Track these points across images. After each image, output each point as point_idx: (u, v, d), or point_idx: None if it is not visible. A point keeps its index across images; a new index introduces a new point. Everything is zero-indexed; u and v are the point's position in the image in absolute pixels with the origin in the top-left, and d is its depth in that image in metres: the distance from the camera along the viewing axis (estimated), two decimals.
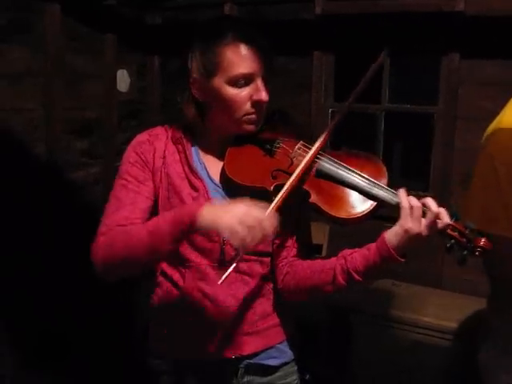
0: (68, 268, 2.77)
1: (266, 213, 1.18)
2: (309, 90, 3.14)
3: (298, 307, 1.51)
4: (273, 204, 1.23)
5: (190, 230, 1.21)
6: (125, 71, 3.36)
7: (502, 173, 1.38)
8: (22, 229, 2.65)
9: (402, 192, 1.22)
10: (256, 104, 1.32)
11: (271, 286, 1.44)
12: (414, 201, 1.19)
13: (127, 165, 1.38)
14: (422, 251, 2.67)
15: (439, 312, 2.62)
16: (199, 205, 1.21)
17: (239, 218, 1.14)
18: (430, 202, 1.19)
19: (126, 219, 1.31)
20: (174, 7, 3.34)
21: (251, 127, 1.36)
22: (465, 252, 1.17)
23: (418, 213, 1.18)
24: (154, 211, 1.37)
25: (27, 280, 2.65)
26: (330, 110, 3.18)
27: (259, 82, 1.31)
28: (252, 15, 3.08)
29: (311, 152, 1.32)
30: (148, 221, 1.30)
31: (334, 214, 1.27)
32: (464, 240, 1.17)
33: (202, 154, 1.42)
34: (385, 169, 1.31)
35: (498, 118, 1.48)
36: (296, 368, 1.49)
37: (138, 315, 2.80)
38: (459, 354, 2.45)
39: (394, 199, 1.23)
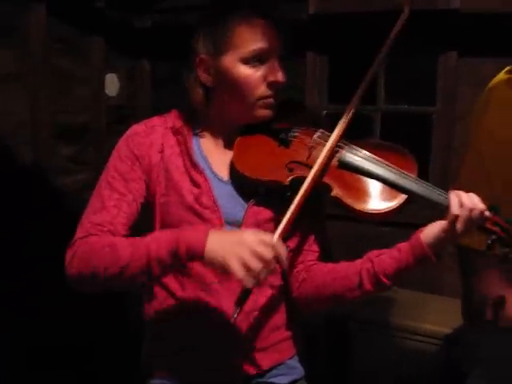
0: (52, 278, 2.66)
1: (284, 220, 1.07)
2: (302, 92, 3.06)
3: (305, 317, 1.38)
4: (290, 210, 1.10)
5: (188, 261, 1.09)
6: (114, 75, 3.28)
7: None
8: (5, 235, 2.54)
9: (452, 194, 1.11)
10: (272, 86, 1.19)
11: (282, 295, 1.29)
12: (464, 197, 1.09)
13: (116, 159, 1.24)
14: None
15: (439, 319, 2.53)
16: (203, 233, 1.07)
17: (250, 249, 1.02)
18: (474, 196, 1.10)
19: (108, 223, 1.17)
20: (163, 10, 3.29)
21: (266, 112, 1.22)
22: (507, 249, 1.10)
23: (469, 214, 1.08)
24: (150, 212, 1.24)
25: (7, 290, 2.54)
26: (325, 112, 3.11)
27: (275, 61, 1.18)
28: None
29: (332, 139, 1.19)
30: (137, 237, 1.14)
31: (359, 208, 1.16)
32: (506, 236, 1.09)
33: (204, 145, 1.27)
34: (414, 160, 1.21)
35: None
36: None
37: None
38: (459, 360, 2.34)
39: (433, 195, 1.14)
